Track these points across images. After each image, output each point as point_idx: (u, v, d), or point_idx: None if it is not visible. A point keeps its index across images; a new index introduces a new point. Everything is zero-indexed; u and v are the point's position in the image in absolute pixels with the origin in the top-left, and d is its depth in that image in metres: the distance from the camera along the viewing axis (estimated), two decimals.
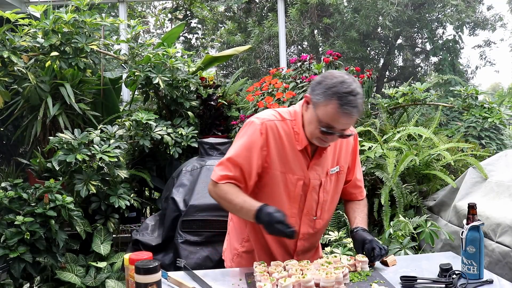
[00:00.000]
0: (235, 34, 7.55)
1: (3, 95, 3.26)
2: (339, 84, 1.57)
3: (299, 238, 1.80)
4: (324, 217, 1.84)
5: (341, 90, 1.56)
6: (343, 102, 1.55)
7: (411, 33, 7.44)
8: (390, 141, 3.28)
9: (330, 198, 1.82)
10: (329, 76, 1.62)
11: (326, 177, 1.78)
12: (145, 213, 4.04)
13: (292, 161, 1.72)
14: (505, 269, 2.26)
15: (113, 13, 7.66)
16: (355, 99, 1.56)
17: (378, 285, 1.54)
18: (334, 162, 1.81)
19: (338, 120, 1.59)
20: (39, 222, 2.72)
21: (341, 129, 1.62)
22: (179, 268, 1.74)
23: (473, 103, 3.87)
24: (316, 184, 1.76)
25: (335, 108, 1.56)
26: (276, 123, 1.72)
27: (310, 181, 1.74)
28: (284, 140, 1.71)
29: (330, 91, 1.57)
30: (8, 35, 3.21)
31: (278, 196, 1.74)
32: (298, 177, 1.73)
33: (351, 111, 1.56)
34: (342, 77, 1.60)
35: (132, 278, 1.45)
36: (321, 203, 1.80)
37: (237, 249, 1.89)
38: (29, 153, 3.62)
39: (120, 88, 4.38)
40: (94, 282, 2.85)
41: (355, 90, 1.57)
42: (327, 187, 1.79)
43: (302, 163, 1.73)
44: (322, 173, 1.76)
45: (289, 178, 1.72)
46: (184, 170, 3.14)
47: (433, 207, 3.06)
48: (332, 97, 1.57)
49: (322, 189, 1.78)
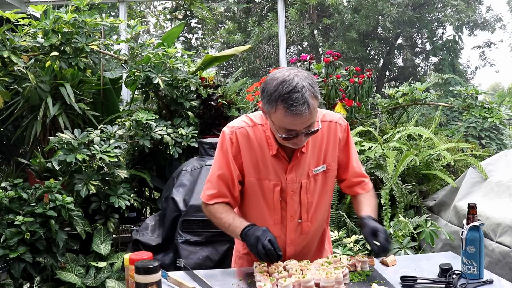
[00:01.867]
0: (235, 34, 7.56)
1: (3, 95, 3.26)
2: (279, 85, 1.47)
3: (287, 244, 1.76)
4: (312, 219, 1.76)
5: (282, 92, 1.46)
6: (288, 104, 1.45)
7: (411, 33, 7.44)
8: (390, 141, 3.28)
9: (316, 199, 1.74)
10: (269, 81, 1.52)
11: (308, 178, 1.70)
12: (145, 213, 4.04)
13: (268, 166, 1.67)
14: (505, 269, 2.26)
15: (113, 13, 7.66)
16: (300, 95, 1.45)
17: (378, 285, 1.53)
18: (320, 161, 1.71)
19: (292, 123, 1.49)
20: (39, 222, 2.72)
21: (303, 128, 1.51)
22: (179, 268, 1.74)
23: (473, 103, 3.88)
24: (296, 187, 1.69)
25: (283, 113, 1.47)
26: (247, 129, 1.67)
27: (287, 185, 1.68)
28: (256, 146, 1.67)
29: (273, 97, 1.48)
30: (8, 35, 3.21)
31: (257, 204, 1.71)
32: (275, 182, 1.67)
33: (301, 109, 1.45)
34: (282, 77, 1.49)
35: (132, 278, 1.45)
36: (306, 206, 1.72)
37: (239, 251, 1.89)
38: (29, 153, 3.62)
39: (120, 88, 4.38)
40: (94, 282, 2.84)
41: (298, 85, 1.46)
42: (311, 188, 1.71)
43: (278, 167, 1.67)
44: (302, 175, 1.69)
45: (266, 184, 1.68)
46: (184, 170, 3.14)
47: (433, 207, 3.06)
48: (276, 102, 1.47)
49: (304, 191, 1.70)
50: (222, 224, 1.68)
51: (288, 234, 1.74)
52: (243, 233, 1.59)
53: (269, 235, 1.55)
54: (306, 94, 1.46)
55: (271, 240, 1.53)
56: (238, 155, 1.68)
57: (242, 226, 1.61)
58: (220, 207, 1.70)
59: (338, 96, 3.53)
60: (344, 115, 3.48)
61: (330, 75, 3.56)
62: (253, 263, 1.69)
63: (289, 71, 1.51)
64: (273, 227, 1.71)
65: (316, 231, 1.82)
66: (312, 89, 1.49)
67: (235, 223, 1.63)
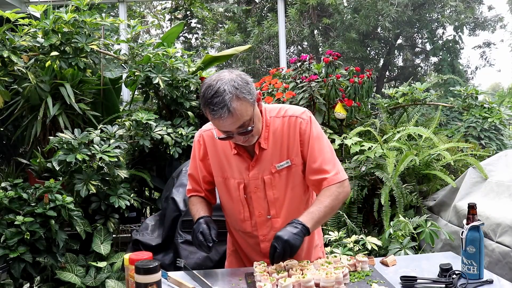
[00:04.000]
0: (235, 34, 7.56)
1: (3, 95, 3.26)
2: (205, 91, 1.55)
3: (260, 240, 1.79)
4: (282, 215, 1.75)
5: (207, 96, 1.53)
6: (211, 108, 1.52)
7: (411, 33, 7.45)
8: (390, 141, 3.28)
9: (283, 195, 1.74)
10: (202, 85, 1.60)
11: (272, 174, 1.71)
12: (145, 213, 4.04)
13: (232, 165, 1.74)
14: (505, 269, 2.26)
15: (113, 13, 7.66)
16: (221, 99, 1.50)
17: (378, 285, 1.54)
18: (283, 156, 1.71)
19: (220, 125, 1.57)
20: (39, 222, 2.72)
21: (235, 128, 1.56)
22: (179, 268, 1.74)
23: (473, 103, 3.88)
24: (258, 183, 1.72)
25: (210, 117, 1.57)
26: (213, 131, 1.75)
27: (249, 182, 1.72)
28: (220, 147, 1.76)
29: (202, 102, 1.58)
30: (8, 35, 3.21)
31: (227, 202, 1.82)
32: (238, 181, 1.74)
33: (221, 113, 1.51)
34: (209, 81, 1.56)
35: (132, 278, 1.45)
36: (272, 201, 1.74)
37: (229, 248, 1.99)
38: (29, 153, 3.62)
39: (120, 88, 4.38)
40: (94, 282, 2.84)
41: (219, 89, 1.51)
42: (275, 184, 1.72)
43: (240, 166, 1.73)
44: (264, 171, 1.71)
45: (231, 183, 1.76)
46: (184, 170, 3.14)
47: (433, 207, 3.06)
48: (204, 107, 1.57)
49: (269, 187, 1.72)
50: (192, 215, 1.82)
51: (259, 230, 1.79)
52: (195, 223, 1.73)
53: (202, 227, 1.67)
54: (226, 97, 1.51)
55: (203, 232, 1.65)
56: (206, 157, 1.81)
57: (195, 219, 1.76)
58: (194, 199, 1.88)
59: (338, 96, 3.53)
60: (344, 115, 3.48)
61: (330, 75, 3.56)
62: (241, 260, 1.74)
63: (218, 75, 1.58)
64: (244, 223, 1.80)
65: None
66: (236, 91, 1.52)
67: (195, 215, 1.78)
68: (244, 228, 1.81)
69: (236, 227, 1.86)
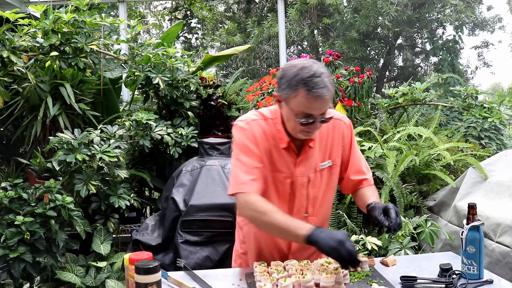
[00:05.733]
0: (235, 34, 7.56)
1: (3, 95, 3.26)
2: (299, 71, 1.53)
3: None
4: (318, 213, 1.79)
5: (303, 76, 1.52)
6: (310, 87, 1.51)
7: (411, 33, 7.45)
8: (390, 141, 3.28)
9: (322, 194, 1.77)
10: (288, 68, 1.59)
11: (315, 173, 1.73)
12: (145, 213, 4.04)
13: (278, 159, 1.70)
14: (505, 269, 2.26)
15: (113, 13, 7.66)
16: (321, 80, 1.52)
17: (378, 285, 1.54)
18: (326, 156, 1.76)
19: (312, 106, 1.54)
20: (39, 222, 2.72)
21: (320, 114, 1.57)
22: (179, 268, 1.74)
23: (473, 103, 3.88)
24: (304, 181, 1.72)
25: (304, 96, 1.52)
26: (260, 122, 1.71)
27: (297, 179, 1.71)
28: (269, 138, 1.70)
29: (293, 81, 1.54)
30: (7, 35, 3.21)
31: (269, 195, 1.72)
32: (285, 175, 1.71)
33: (322, 92, 1.51)
34: (301, 64, 1.56)
35: (132, 278, 1.45)
36: (312, 200, 1.76)
37: (237, 250, 1.92)
38: (29, 153, 3.62)
39: (120, 88, 4.38)
40: (94, 282, 2.84)
41: (318, 71, 1.53)
42: (317, 183, 1.75)
43: (288, 161, 1.71)
44: (309, 169, 1.72)
45: (277, 176, 1.71)
46: (184, 170, 3.14)
47: (433, 207, 3.06)
48: (297, 86, 1.53)
49: (311, 186, 1.74)
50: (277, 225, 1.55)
51: None
52: (312, 235, 1.47)
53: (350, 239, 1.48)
54: (325, 79, 1.54)
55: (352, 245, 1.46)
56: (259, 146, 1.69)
57: (307, 227, 1.50)
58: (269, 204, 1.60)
59: (338, 96, 3.53)
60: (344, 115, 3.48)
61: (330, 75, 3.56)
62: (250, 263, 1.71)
63: (307, 60, 1.59)
64: None
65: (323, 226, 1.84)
66: (329, 79, 1.57)
67: (294, 224, 1.54)
68: None
69: None
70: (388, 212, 1.59)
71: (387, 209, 1.60)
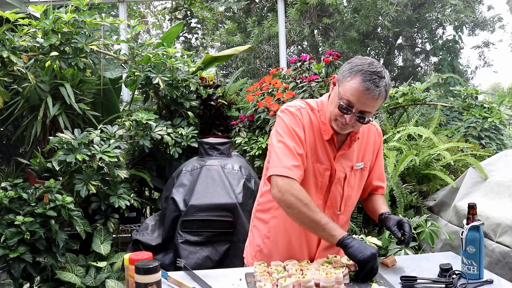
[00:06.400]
0: (235, 34, 7.55)
1: (3, 95, 3.26)
2: (366, 64, 1.59)
3: None
4: (347, 212, 1.85)
5: (367, 69, 1.58)
6: (366, 79, 1.56)
7: (411, 33, 7.44)
8: (390, 141, 3.28)
9: (354, 194, 1.82)
10: (358, 57, 1.65)
11: (351, 171, 1.78)
12: (145, 213, 4.04)
13: (321, 150, 1.73)
14: (505, 269, 2.26)
15: (113, 13, 7.66)
16: (379, 80, 1.57)
17: (378, 285, 1.54)
18: (360, 157, 1.81)
19: (358, 96, 1.57)
20: (39, 222, 2.72)
21: (360, 110, 1.60)
22: (179, 268, 1.74)
23: (473, 103, 3.88)
24: (341, 176, 1.76)
25: (357, 83, 1.56)
26: (308, 111, 1.74)
27: (336, 172, 1.74)
28: (314, 128, 1.72)
29: (355, 68, 1.59)
30: (7, 35, 3.21)
31: (307, 185, 1.72)
32: (326, 167, 1.73)
33: (373, 89, 1.56)
34: (371, 60, 1.62)
35: (132, 278, 1.45)
36: (345, 198, 1.79)
37: (259, 245, 1.88)
38: (29, 153, 3.62)
39: (120, 88, 4.38)
40: (94, 282, 2.84)
41: (382, 73, 1.58)
42: (352, 181, 1.79)
43: (329, 153, 1.73)
44: (347, 166, 1.76)
45: (317, 167, 1.72)
46: (184, 170, 3.14)
47: (433, 207, 3.06)
48: (357, 73, 1.58)
49: (346, 183, 1.77)
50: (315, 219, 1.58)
51: None
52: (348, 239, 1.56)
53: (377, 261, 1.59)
54: (383, 83, 1.58)
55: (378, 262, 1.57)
56: (304, 133, 1.71)
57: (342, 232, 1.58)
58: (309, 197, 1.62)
59: None
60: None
61: (330, 75, 3.56)
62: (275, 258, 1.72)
63: (378, 63, 1.64)
64: None
65: (345, 226, 1.88)
66: (388, 87, 1.61)
67: (332, 224, 1.59)
68: None
69: None
70: (403, 226, 1.69)
71: (401, 223, 1.70)
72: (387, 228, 1.74)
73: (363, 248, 1.54)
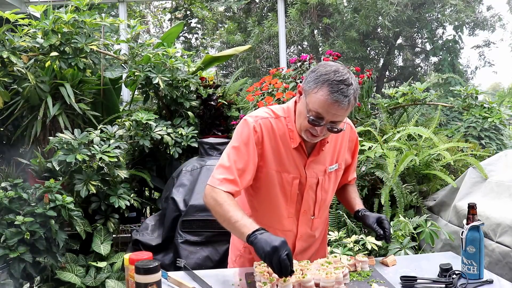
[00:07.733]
0: (235, 34, 7.55)
1: (2, 95, 3.26)
2: (332, 72, 1.51)
3: (297, 238, 1.78)
4: (322, 215, 1.82)
5: (333, 78, 1.50)
6: (333, 90, 1.49)
7: (411, 33, 7.44)
8: (390, 141, 3.28)
9: (329, 196, 1.79)
10: (322, 65, 1.57)
11: (324, 175, 1.73)
12: (145, 213, 4.04)
13: (287, 159, 1.68)
14: (505, 269, 2.26)
15: (113, 13, 7.66)
16: (346, 89, 1.50)
17: (378, 285, 1.54)
18: (334, 159, 1.76)
19: (327, 109, 1.51)
20: (39, 222, 2.72)
21: (331, 120, 1.54)
22: (179, 268, 1.74)
23: (473, 103, 3.88)
24: (313, 182, 1.72)
25: (324, 95, 1.50)
26: (270, 120, 1.68)
27: (306, 180, 1.70)
28: (278, 138, 1.67)
29: (321, 78, 1.52)
30: (7, 35, 3.21)
31: (275, 197, 1.70)
32: (294, 175, 1.68)
33: (342, 100, 1.49)
34: (336, 67, 1.54)
35: (132, 278, 1.45)
36: (319, 202, 1.76)
37: (239, 250, 1.88)
38: (29, 153, 3.62)
39: (120, 88, 4.38)
40: (94, 282, 2.85)
41: (348, 80, 1.51)
42: (325, 185, 1.75)
43: (297, 161, 1.68)
44: (320, 171, 1.72)
45: (285, 177, 1.68)
46: (184, 170, 3.14)
47: (433, 207, 3.06)
48: (323, 84, 1.51)
49: (319, 188, 1.74)
50: (227, 218, 1.53)
51: (300, 228, 1.77)
52: (253, 236, 1.43)
53: (288, 248, 1.39)
54: (351, 91, 1.52)
55: (288, 255, 1.38)
56: (259, 145, 1.66)
57: (252, 228, 1.45)
58: (229, 198, 1.56)
59: None
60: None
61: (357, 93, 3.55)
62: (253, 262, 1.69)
63: (343, 67, 1.57)
64: (287, 220, 1.74)
65: (321, 227, 1.87)
66: (356, 92, 1.55)
67: (243, 221, 1.49)
68: (284, 226, 1.74)
69: (274, 225, 1.73)
70: (383, 223, 1.71)
71: (381, 220, 1.71)
72: (367, 225, 1.73)
73: (265, 243, 1.38)
